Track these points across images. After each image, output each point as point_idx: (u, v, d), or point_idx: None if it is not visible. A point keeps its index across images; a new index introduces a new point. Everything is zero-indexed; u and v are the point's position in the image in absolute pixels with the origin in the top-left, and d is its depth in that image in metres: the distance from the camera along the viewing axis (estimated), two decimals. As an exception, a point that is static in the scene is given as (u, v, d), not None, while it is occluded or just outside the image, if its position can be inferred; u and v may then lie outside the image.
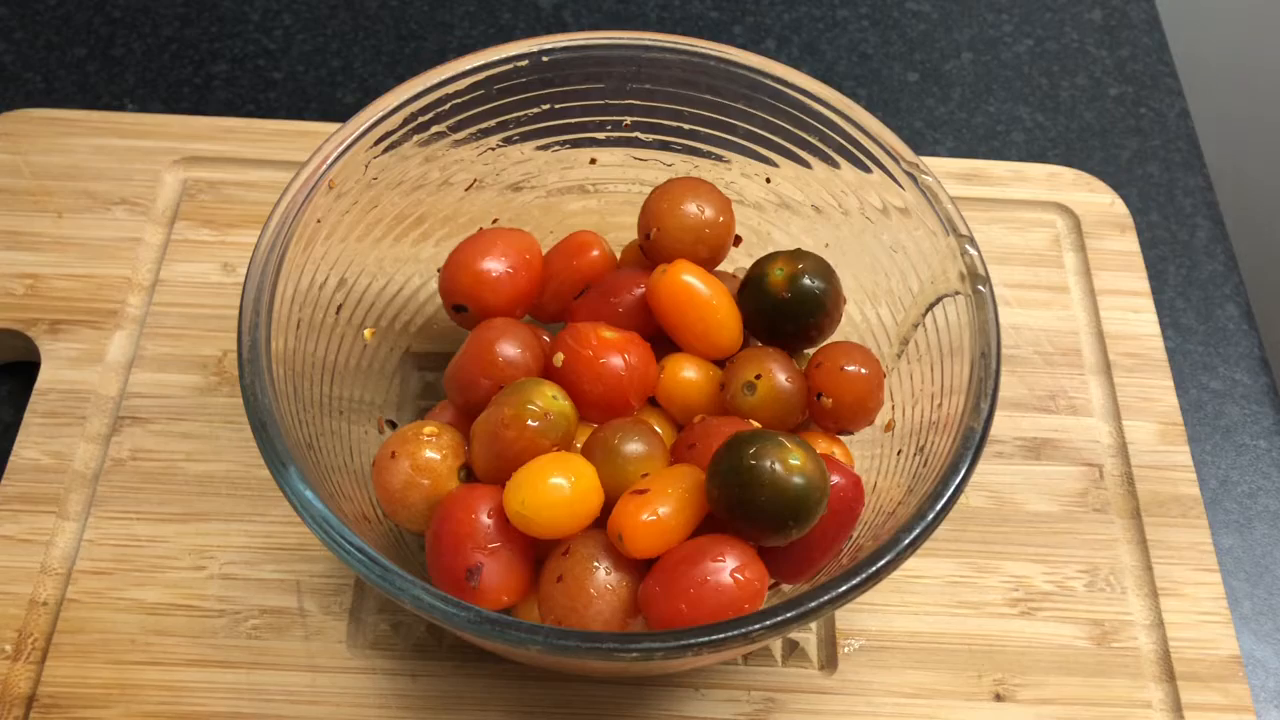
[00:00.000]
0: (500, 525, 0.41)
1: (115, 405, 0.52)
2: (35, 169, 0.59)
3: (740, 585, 0.39)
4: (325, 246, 0.46)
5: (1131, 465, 0.53)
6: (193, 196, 0.58)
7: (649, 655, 0.36)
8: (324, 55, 0.68)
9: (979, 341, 0.43)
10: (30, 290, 0.55)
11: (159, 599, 0.47)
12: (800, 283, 0.46)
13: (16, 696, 0.45)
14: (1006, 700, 0.47)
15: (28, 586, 0.47)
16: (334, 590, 0.48)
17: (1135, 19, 0.74)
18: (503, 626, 0.36)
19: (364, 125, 0.46)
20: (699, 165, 0.52)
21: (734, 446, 0.40)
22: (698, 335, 0.47)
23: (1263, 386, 0.58)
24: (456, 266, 0.47)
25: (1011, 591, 0.49)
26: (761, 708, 0.46)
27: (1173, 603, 0.49)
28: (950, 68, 0.71)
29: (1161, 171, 0.66)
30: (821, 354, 0.47)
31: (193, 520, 0.49)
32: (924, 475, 0.42)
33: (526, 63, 0.48)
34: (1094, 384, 0.55)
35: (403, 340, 0.51)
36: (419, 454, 0.43)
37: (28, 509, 0.49)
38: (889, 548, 0.38)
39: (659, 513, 0.40)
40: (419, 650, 0.47)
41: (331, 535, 0.38)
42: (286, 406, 0.41)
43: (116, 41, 0.68)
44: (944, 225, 0.46)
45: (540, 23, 0.71)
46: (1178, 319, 0.60)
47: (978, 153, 0.67)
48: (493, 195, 0.51)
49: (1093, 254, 0.59)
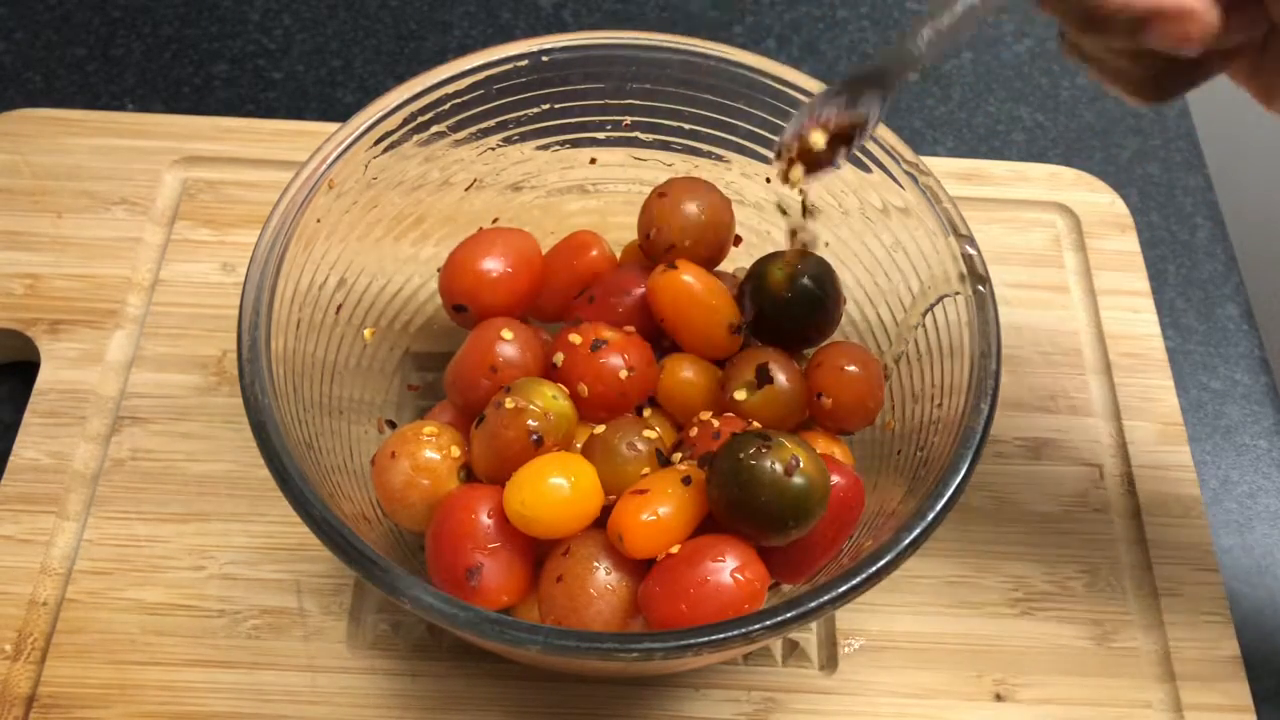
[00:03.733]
0: (500, 525, 0.41)
1: (115, 405, 0.52)
2: (35, 169, 0.59)
3: (740, 585, 0.39)
4: (325, 246, 0.46)
5: (1131, 465, 0.53)
6: (193, 196, 0.58)
7: (649, 655, 0.36)
8: (324, 55, 0.68)
9: (979, 341, 0.43)
10: (30, 290, 0.55)
11: (159, 599, 0.47)
12: (800, 283, 0.46)
13: (16, 696, 0.45)
14: (1006, 700, 0.47)
15: (28, 586, 0.47)
16: (334, 590, 0.48)
17: (1135, 19, 0.74)
18: (503, 626, 0.36)
19: (364, 125, 0.46)
20: (699, 165, 0.52)
21: (734, 446, 0.40)
22: (698, 335, 0.47)
23: (1263, 386, 0.58)
24: (456, 266, 0.47)
25: (1011, 591, 0.49)
26: (761, 708, 0.46)
27: (1173, 603, 0.49)
28: (950, 68, 0.71)
29: (1161, 171, 0.66)
30: (821, 354, 0.47)
31: (193, 520, 0.49)
32: (924, 475, 0.42)
33: (526, 63, 0.48)
34: (1094, 384, 0.55)
35: (403, 340, 0.51)
36: (419, 454, 0.43)
37: (28, 509, 0.49)
38: (889, 548, 0.38)
39: (659, 513, 0.40)
40: (419, 650, 0.47)
41: (331, 535, 0.38)
42: (286, 406, 0.41)
43: (116, 41, 0.68)
44: (944, 225, 0.46)
45: (540, 23, 0.71)
46: (1178, 319, 0.60)
47: (978, 153, 0.67)
48: (493, 195, 0.51)
49: (1093, 254, 0.59)
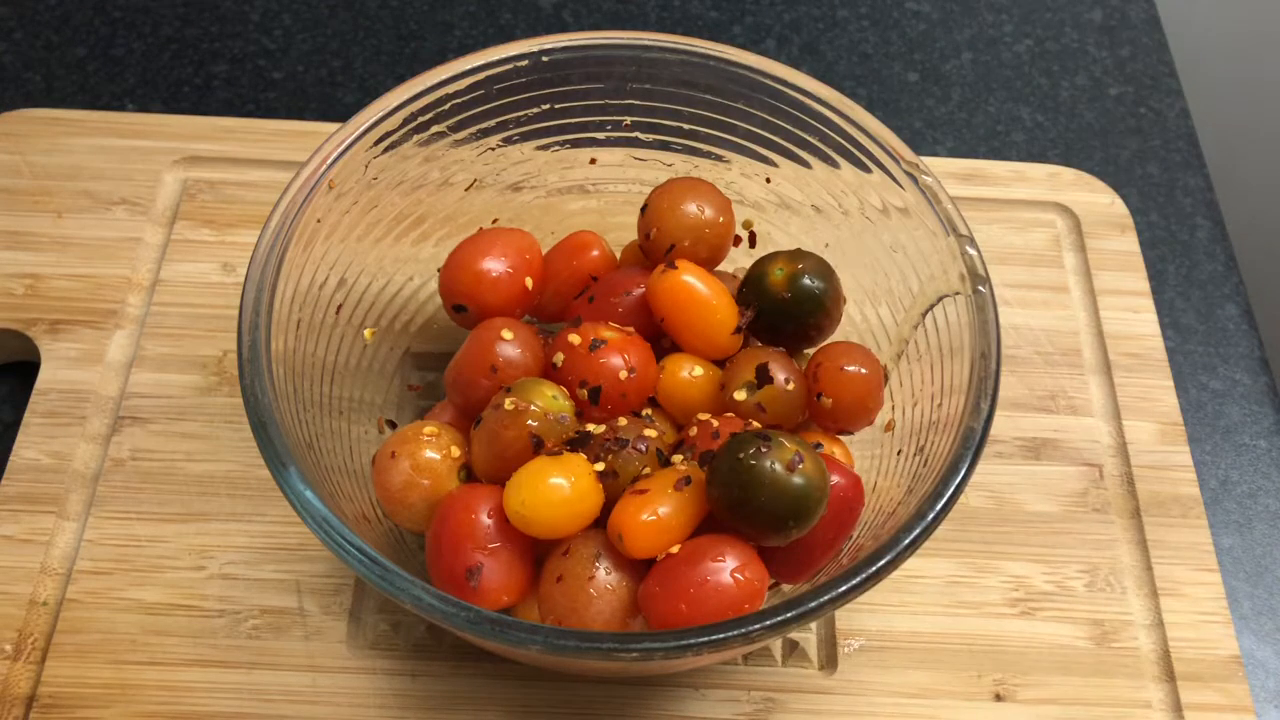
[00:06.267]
0: (500, 525, 0.41)
1: (115, 405, 0.52)
2: (35, 169, 0.59)
3: (740, 585, 0.39)
4: (325, 246, 0.46)
5: (1131, 465, 0.53)
6: (193, 196, 0.58)
7: (649, 655, 0.36)
8: (324, 55, 0.68)
9: (979, 341, 0.43)
10: (30, 290, 0.55)
11: (159, 599, 0.47)
12: (800, 283, 0.46)
13: (16, 696, 0.45)
14: (1006, 700, 0.47)
15: (28, 586, 0.47)
16: (334, 590, 0.48)
17: (1135, 19, 0.74)
18: (503, 626, 0.36)
19: (364, 125, 0.46)
20: (699, 165, 0.52)
21: (734, 446, 0.40)
22: (698, 335, 0.47)
23: (1263, 386, 0.58)
24: (456, 266, 0.47)
25: (1011, 591, 0.49)
26: (761, 708, 0.46)
27: (1173, 603, 0.49)
28: (950, 68, 0.71)
29: (1161, 171, 0.66)
30: (821, 354, 0.47)
31: (193, 520, 0.49)
32: (924, 475, 0.42)
33: (526, 63, 0.48)
34: (1094, 384, 0.55)
35: (403, 340, 0.51)
36: (419, 454, 0.43)
37: (28, 509, 0.49)
38: (889, 548, 0.38)
39: (659, 513, 0.40)
40: (419, 650, 0.47)
41: (331, 535, 0.38)
42: (286, 406, 0.41)
43: (116, 41, 0.68)
44: (944, 225, 0.46)
45: (540, 23, 0.71)
46: (1178, 319, 0.60)
47: (978, 153, 0.67)
48: (493, 195, 0.51)
49: (1093, 254, 0.59)
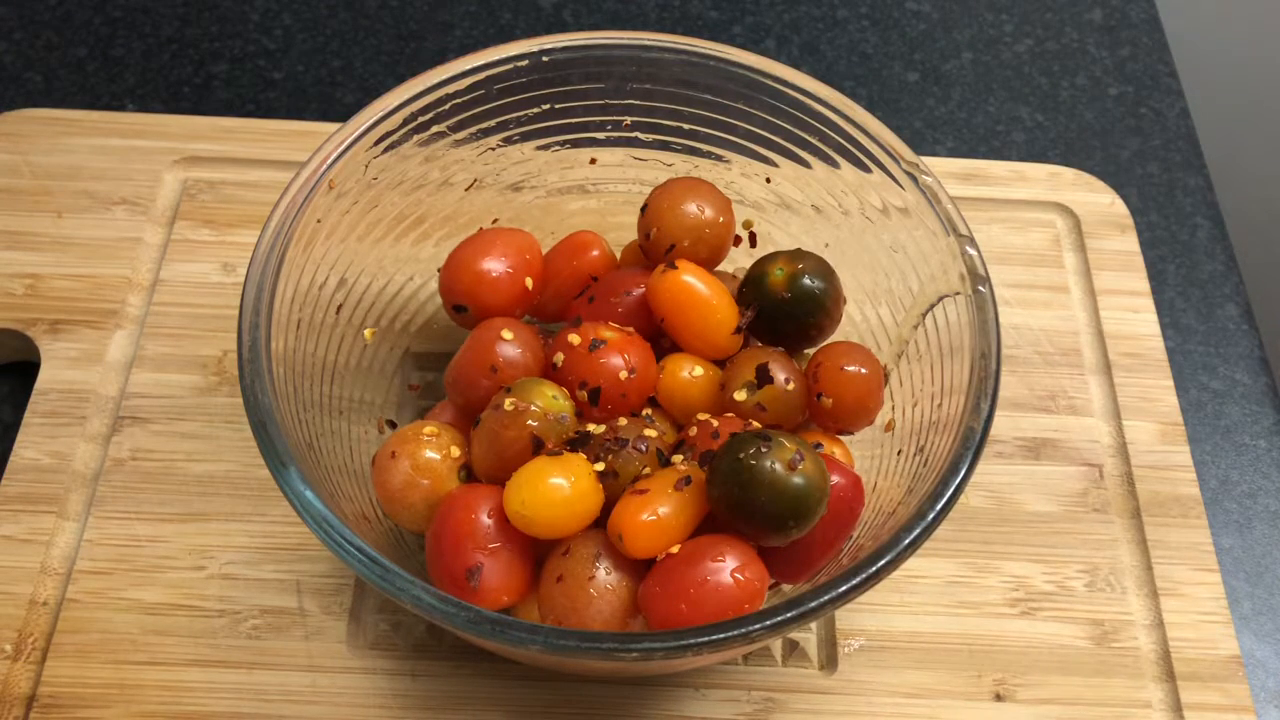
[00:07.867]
0: (500, 525, 0.41)
1: (115, 405, 0.52)
2: (35, 169, 0.59)
3: (740, 585, 0.39)
4: (325, 246, 0.46)
5: (1131, 465, 0.53)
6: (193, 196, 0.58)
7: (649, 655, 0.36)
8: (324, 55, 0.68)
9: (979, 341, 0.43)
10: (30, 290, 0.55)
11: (159, 599, 0.47)
12: (800, 283, 0.46)
13: (16, 696, 0.45)
14: (1006, 700, 0.47)
15: (28, 586, 0.47)
16: (334, 590, 0.48)
17: (1135, 19, 0.74)
18: (503, 626, 0.36)
19: (364, 125, 0.46)
20: (699, 165, 0.52)
21: (734, 446, 0.40)
22: (698, 335, 0.47)
23: (1263, 386, 0.58)
24: (456, 266, 0.47)
25: (1011, 591, 0.49)
26: (761, 708, 0.46)
27: (1173, 603, 0.49)
28: (950, 68, 0.71)
29: (1161, 171, 0.66)
30: (821, 354, 0.47)
31: (193, 520, 0.49)
32: (924, 475, 0.42)
33: (526, 63, 0.48)
34: (1094, 384, 0.55)
35: (403, 340, 0.51)
36: (419, 454, 0.43)
37: (28, 509, 0.49)
38: (889, 548, 0.38)
39: (659, 513, 0.40)
40: (419, 650, 0.47)
41: (331, 535, 0.38)
42: (286, 406, 0.41)
43: (116, 41, 0.68)
44: (944, 225, 0.46)
45: (540, 23, 0.71)
46: (1178, 319, 0.60)
47: (978, 153, 0.67)
48: (493, 195, 0.51)
49: (1093, 254, 0.59)
